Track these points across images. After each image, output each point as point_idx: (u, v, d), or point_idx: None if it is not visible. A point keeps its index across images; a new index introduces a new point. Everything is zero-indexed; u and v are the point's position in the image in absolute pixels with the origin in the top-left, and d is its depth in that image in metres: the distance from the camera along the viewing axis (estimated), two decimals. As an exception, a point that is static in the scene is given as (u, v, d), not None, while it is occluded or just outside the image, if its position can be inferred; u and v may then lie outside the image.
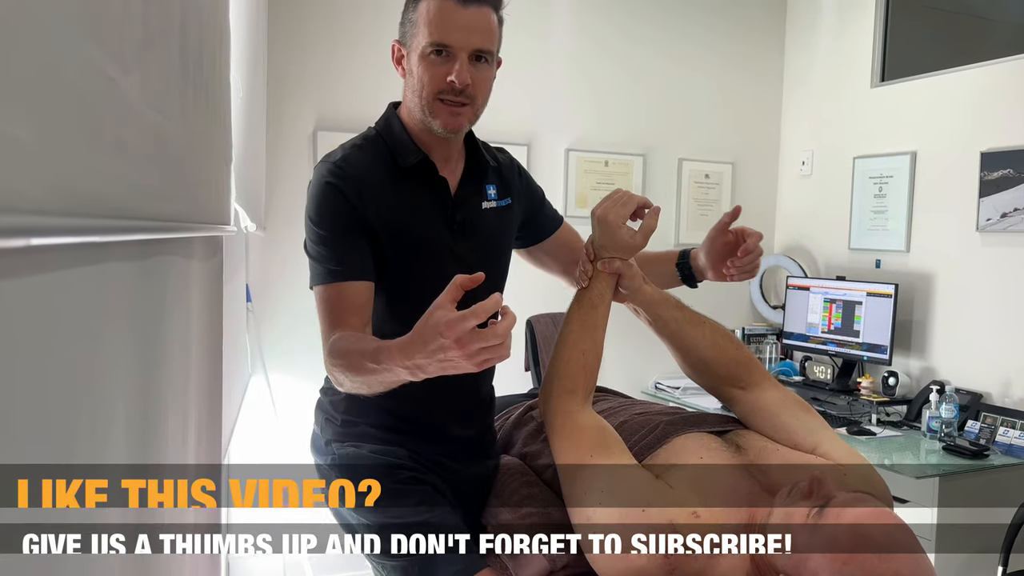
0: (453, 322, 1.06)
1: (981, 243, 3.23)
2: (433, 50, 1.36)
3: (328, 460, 1.51)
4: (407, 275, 1.46)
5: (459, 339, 1.06)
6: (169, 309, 0.92)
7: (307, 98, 3.36)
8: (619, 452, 1.36)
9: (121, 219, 0.60)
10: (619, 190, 1.48)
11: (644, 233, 1.44)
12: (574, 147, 3.82)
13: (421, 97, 1.40)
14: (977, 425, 2.98)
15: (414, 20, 1.38)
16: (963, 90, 3.34)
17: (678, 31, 4.02)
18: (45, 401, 0.51)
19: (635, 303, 1.51)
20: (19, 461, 0.47)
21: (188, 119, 0.93)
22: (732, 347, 1.54)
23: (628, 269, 1.46)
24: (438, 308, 1.09)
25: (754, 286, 4.19)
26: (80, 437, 0.59)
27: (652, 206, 1.46)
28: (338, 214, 1.41)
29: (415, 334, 1.12)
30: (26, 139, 0.41)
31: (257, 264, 3.26)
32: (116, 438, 0.69)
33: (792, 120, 4.23)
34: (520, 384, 2.19)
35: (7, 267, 0.44)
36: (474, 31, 1.36)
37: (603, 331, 1.47)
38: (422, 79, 1.39)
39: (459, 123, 1.42)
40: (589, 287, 1.48)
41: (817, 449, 1.38)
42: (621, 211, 1.43)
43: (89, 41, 0.51)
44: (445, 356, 1.09)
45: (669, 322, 1.51)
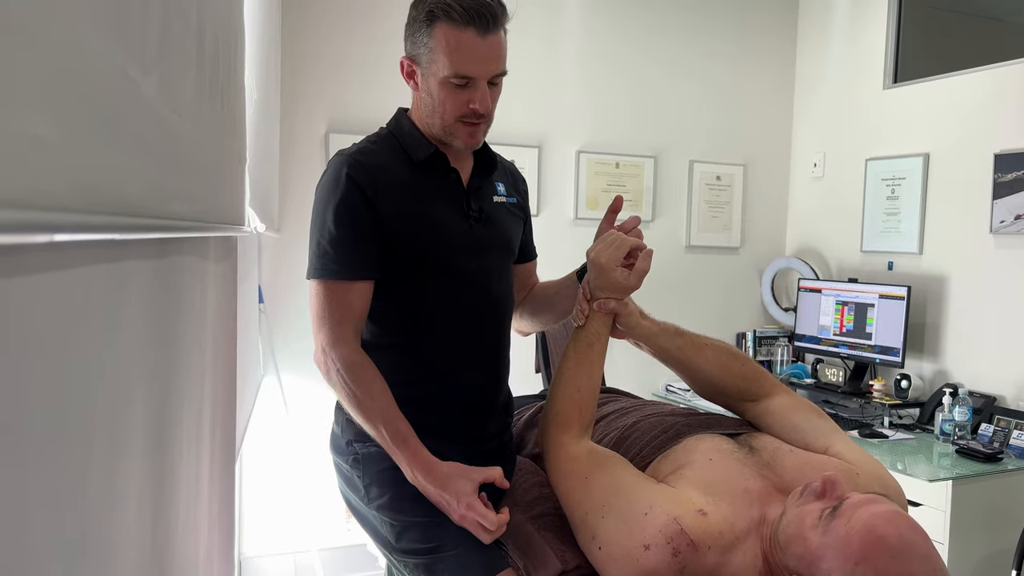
0: (472, 506, 1.36)
1: (995, 245, 3.22)
2: (455, 82, 1.40)
3: (349, 460, 1.52)
4: (424, 266, 1.47)
5: (464, 516, 1.36)
6: (185, 308, 0.93)
7: (319, 101, 3.37)
8: (614, 466, 1.37)
9: (140, 218, 0.61)
10: (612, 232, 1.51)
11: (638, 275, 1.47)
12: (585, 149, 3.82)
13: (442, 119, 1.45)
14: (991, 428, 2.96)
15: (431, 46, 1.40)
16: (976, 91, 3.32)
17: (690, 32, 4.01)
18: (64, 395, 0.52)
19: (634, 339, 1.54)
20: (37, 456, 0.47)
21: (204, 120, 0.94)
22: (737, 364, 1.55)
23: (623, 308, 1.49)
24: (466, 481, 1.38)
25: (765, 288, 4.18)
26: (97, 432, 0.59)
27: (645, 248, 1.49)
28: (351, 207, 1.42)
29: (441, 477, 1.39)
30: (49, 137, 0.42)
31: (269, 266, 3.28)
32: (133, 434, 0.70)
33: (804, 122, 4.22)
34: (532, 386, 2.19)
35: (31, 263, 0.44)
36: (492, 60, 1.41)
37: (599, 368, 1.50)
38: (444, 104, 1.43)
39: (478, 139, 1.49)
40: (585, 326, 1.51)
41: (829, 451, 1.38)
42: (615, 254, 1.46)
43: (111, 42, 0.52)
44: (447, 505, 1.37)
45: (672, 351, 1.53)
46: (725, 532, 1.20)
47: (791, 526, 1.15)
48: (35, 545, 0.47)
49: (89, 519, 0.57)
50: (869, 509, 1.08)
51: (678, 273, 4.05)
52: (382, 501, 1.46)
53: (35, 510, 0.47)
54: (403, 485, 1.44)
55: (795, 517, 1.15)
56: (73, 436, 0.54)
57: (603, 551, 1.25)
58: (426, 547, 1.39)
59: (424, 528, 1.41)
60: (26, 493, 0.46)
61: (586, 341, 1.49)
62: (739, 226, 4.19)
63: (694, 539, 1.18)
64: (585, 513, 1.30)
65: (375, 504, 1.47)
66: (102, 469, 0.61)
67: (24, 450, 0.45)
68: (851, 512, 1.09)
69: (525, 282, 1.77)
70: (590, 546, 1.28)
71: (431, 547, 1.39)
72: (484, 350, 1.57)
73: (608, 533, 1.25)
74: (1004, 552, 2.65)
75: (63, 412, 0.52)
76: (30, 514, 0.46)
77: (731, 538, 1.20)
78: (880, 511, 1.08)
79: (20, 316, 0.43)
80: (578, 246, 1.92)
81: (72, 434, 0.54)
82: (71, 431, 0.53)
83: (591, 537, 1.28)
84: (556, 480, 1.40)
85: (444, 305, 1.50)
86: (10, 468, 0.43)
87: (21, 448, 0.45)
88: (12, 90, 0.37)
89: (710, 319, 4.13)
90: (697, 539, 1.18)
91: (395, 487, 1.44)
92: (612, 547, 1.23)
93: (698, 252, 4.11)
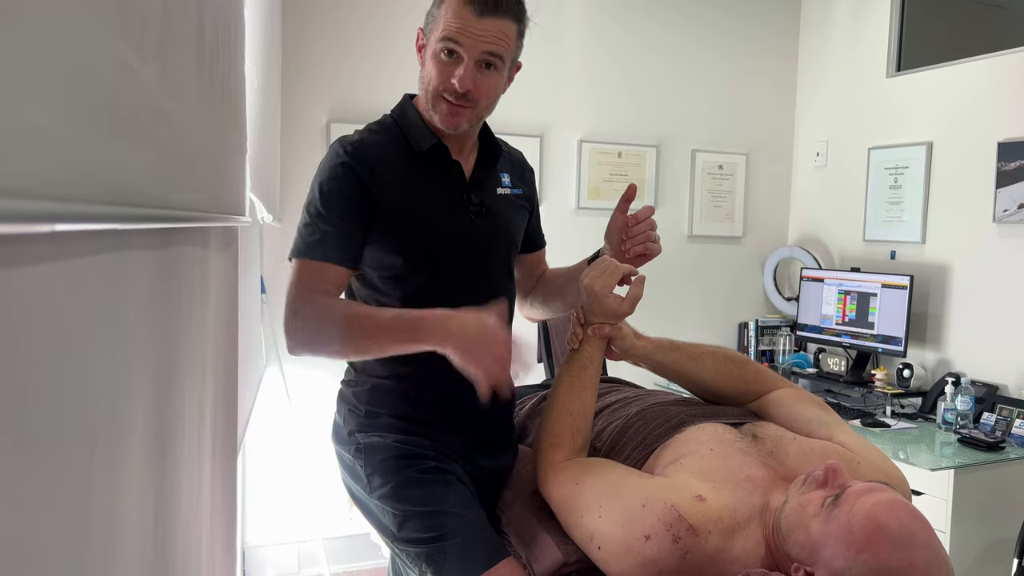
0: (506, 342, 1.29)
1: (998, 234, 3.21)
2: (444, 49, 1.40)
3: (351, 449, 1.53)
4: (422, 256, 1.47)
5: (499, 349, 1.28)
6: (186, 299, 0.93)
7: (321, 90, 3.36)
8: (604, 467, 1.39)
9: (140, 207, 0.60)
10: (605, 258, 1.53)
11: (631, 301, 1.48)
12: (587, 139, 3.81)
13: (427, 90, 1.45)
14: (993, 417, 2.96)
15: (436, 15, 1.42)
16: (980, 80, 3.31)
17: (692, 21, 4.00)
18: (64, 386, 0.52)
19: (630, 359, 1.56)
20: (39, 450, 0.47)
21: (205, 110, 0.93)
22: (736, 368, 1.57)
23: (618, 332, 1.51)
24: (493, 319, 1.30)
25: (768, 278, 4.17)
26: (98, 423, 0.59)
27: (638, 275, 1.51)
28: (345, 194, 1.42)
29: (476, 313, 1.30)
30: (48, 126, 0.42)
31: (271, 256, 3.28)
32: (134, 424, 0.70)
33: (807, 110, 4.20)
34: (533, 376, 2.20)
35: (32, 254, 0.44)
36: (484, 40, 1.39)
37: (593, 392, 1.51)
38: (430, 74, 1.43)
39: (457, 122, 1.45)
40: (579, 350, 1.52)
41: (832, 440, 1.38)
42: (608, 281, 1.48)
43: (110, 30, 0.52)
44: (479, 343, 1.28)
45: (669, 365, 1.56)
46: (725, 517, 1.20)
47: (793, 514, 1.15)
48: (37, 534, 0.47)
49: (91, 509, 0.57)
50: (871, 497, 1.08)
51: (680, 263, 4.05)
52: (384, 490, 1.46)
53: (37, 500, 0.47)
54: (405, 474, 1.44)
55: (797, 505, 1.15)
56: (74, 427, 0.54)
57: (603, 549, 1.25)
58: (428, 536, 1.40)
59: (426, 517, 1.41)
60: (28, 483, 0.46)
61: (579, 365, 1.51)
62: (741, 215, 4.18)
63: (693, 524, 1.18)
64: (581, 516, 1.31)
65: (377, 493, 1.47)
66: (104, 459, 0.61)
67: (26, 446, 0.45)
68: (853, 500, 1.09)
69: (534, 270, 1.77)
70: (589, 546, 1.28)
71: (433, 536, 1.39)
72: None
73: (606, 531, 1.25)
74: (1006, 541, 2.65)
75: (64, 404, 0.52)
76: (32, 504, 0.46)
77: (732, 523, 1.20)
78: (882, 499, 1.07)
79: (21, 307, 0.43)
80: (580, 236, 1.92)
81: (73, 425, 0.54)
82: (72, 423, 0.53)
83: (589, 538, 1.28)
84: (549, 492, 1.41)
85: (445, 298, 1.50)
86: (12, 459, 0.43)
87: (23, 443, 0.45)
88: (11, 79, 0.37)
89: (712, 309, 4.13)
90: (697, 524, 1.18)
91: (397, 476, 1.45)
92: (612, 543, 1.23)
93: (700, 242, 4.11)
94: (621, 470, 1.37)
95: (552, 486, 1.40)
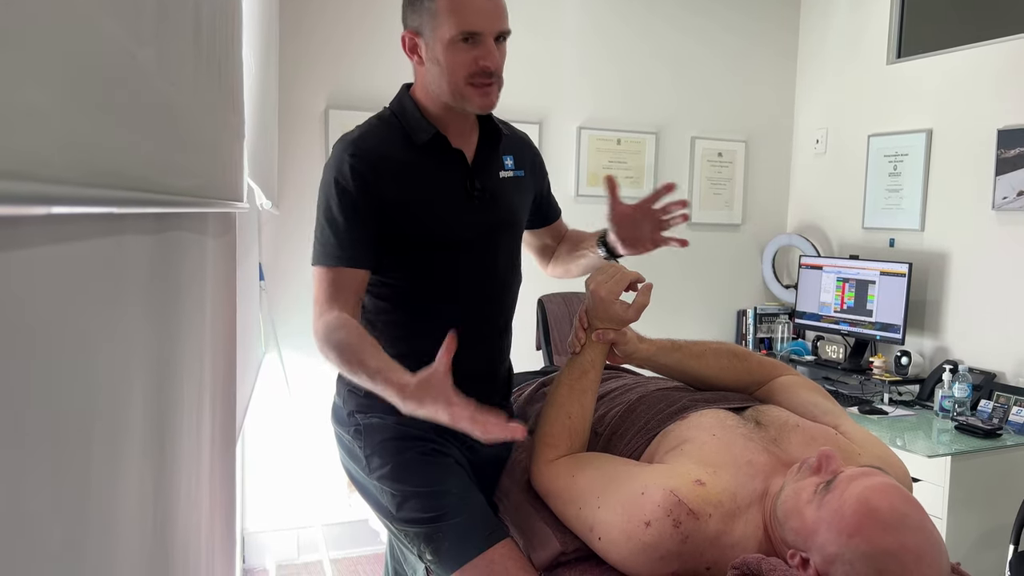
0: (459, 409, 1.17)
1: (997, 222, 3.21)
2: (462, 38, 1.40)
3: (351, 431, 1.53)
4: (427, 246, 1.48)
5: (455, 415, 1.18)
6: (184, 284, 0.93)
7: (319, 76, 3.35)
8: (599, 460, 1.40)
9: (138, 191, 0.60)
10: (613, 265, 1.54)
11: (637, 308, 1.49)
12: (586, 125, 3.80)
13: (451, 83, 1.44)
14: (990, 404, 2.97)
15: (434, 10, 1.41)
16: (980, 66, 3.30)
17: (691, 7, 3.98)
18: (62, 371, 0.52)
19: (633, 363, 1.57)
20: (37, 435, 0.47)
21: (202, 94, 0.93)
22: (738, 362, 1.58)
23: (621, 337, 1.51)
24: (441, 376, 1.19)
25: (766, 265, 4.17)
26: (96, 409, 0.59)
27: (644, 282, 1.51)
28: (353, 196, 1.43)
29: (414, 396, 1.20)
30: (44, 108, 0.41)
31: (270, 243, 3.27)
32: (133, 410, 0.70)
33: (806, 98, 4.19)
34: (533, 362, 2.20)
35: (28, 236, 0.44)
36: (497, 15, 1.41)
37: (592, 396, 1.51)
38: (452, 66, 1.42)
39: (493, 101, 1.47)
40: (581, 354, 1.52)
41: (837, 429, 1.39)
42: (614, 287, 1.49)
43: (108, 13, 0.51)
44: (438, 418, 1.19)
45: (672, 366, 1.57)
46: (725, 501, 1.20)
47: (788, 501, 1.15)
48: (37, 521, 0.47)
49: (90, 495, 0.57)
50: (862, 482, 1.08)
51: (678, 250, 4.03)
52: (383, 471, 1.47)
53: (36, 486, 0.47)
54: (404, 455, 1.44)
55: (792, 492, 1.16)
56: (72, 413, 0.54)
57: (604, 539, 1.25)
58: (427, 516, 1.40)
59: (425, 498, 1.42)
60: (26, 469, 0.46)
61: (580, 369, 1.51)
62: (740, 203, 4.18)
63: (693, 508, 1.18)
64: (579, 509, 1.31)
65: (376, 474, 1.48)
66: (103, 445, 0.61)
67: (23, 430, 0.45)
68: (844, 486, 1.09)
69: (556, 237, 1.83)
70: (589, 537, 1.29)
71: (432, 516, 1.40)
72: (487, 326, 1.58)
73: (606, 521, 1.25)
74: (1002, 527, 2.66)
75: (61, 389, 0.52)
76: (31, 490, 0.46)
77: (732, 507, 1.20)
78: (873, 483, 1.08)
79: (18, 289, 0.43)
80: (580, 223, 1.92)
81: (71, 411, 0.54)
82: (70, 408, 0.53)
83: (589, 529, 1.29)
84: (545, 488, 1.42)
85: (447, 283, 1.51)
86: (9, 448, 0.43)
87: (20, 428, 0.45)
88: (8, 61, 0.36)
89: (711, 296, 4.13)
90: (696, 507, 1.18)
91: (396, 457, 1.45)
92: (612, 532, 1.23)
93: (699, 229, 4.10)
94: (617, 461, 1.37)
95: (547, 479, 1.41)
